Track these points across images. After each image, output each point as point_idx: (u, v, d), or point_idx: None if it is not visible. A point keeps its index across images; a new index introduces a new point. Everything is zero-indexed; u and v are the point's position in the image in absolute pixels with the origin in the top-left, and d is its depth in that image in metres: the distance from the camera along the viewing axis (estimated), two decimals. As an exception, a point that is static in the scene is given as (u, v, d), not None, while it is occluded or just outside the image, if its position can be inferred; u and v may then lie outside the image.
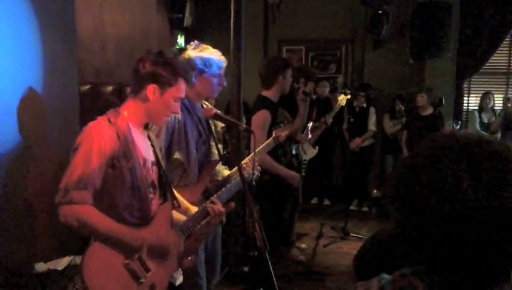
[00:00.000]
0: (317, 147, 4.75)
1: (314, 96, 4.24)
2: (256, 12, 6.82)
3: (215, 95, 2.63)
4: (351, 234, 5.14)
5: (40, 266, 2.72)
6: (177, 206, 2.15)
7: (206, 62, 2.46)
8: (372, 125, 6.17)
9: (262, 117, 3.53)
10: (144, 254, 1.91)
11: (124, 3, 5.00)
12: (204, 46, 2.52)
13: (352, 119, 6.00)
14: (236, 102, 3.94)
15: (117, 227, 1.83)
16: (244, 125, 2.69)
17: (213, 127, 2.62)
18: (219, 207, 2.25)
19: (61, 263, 2.77)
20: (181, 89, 1.99)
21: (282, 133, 2.94)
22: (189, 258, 2.15)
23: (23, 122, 2.75)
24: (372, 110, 6.20)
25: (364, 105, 6.16)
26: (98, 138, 1.81)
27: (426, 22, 5.61)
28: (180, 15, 6.34)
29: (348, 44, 7.02)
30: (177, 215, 2.17)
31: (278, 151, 3.59)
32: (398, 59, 6.63)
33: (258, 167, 2.64)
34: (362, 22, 6.72)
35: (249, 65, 4.32)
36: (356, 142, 6.04)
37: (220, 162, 2.64)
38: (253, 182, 2.60)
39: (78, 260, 2.77)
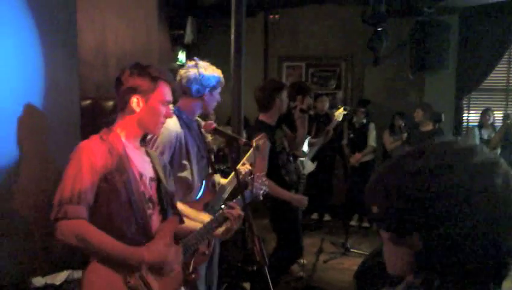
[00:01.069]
0: (315, 162, 4.75)
1: (312, 113, 4.24)
2: (256, 29, 6.90)
3: (212, 111, 2.77)
4: (352, 250, 5.11)
5: (38, 281, 2.69)
6: (182, 222, 2.10)
7: (218, 81, 2.60)
8: (372, 141, 6.18)
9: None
10: (144, 272, 1.85)
11: (126, 20, 5.06)
12: (208, 63, 2.61)
13: (352, 135, 6.02)
14: (237, 117, 3.96)
15: (115, 243, 1.78)
16: (244, 140, 2.72)
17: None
18: (238, 211, 2.21)
19: (59, 278, 2.75)
20: (164, 92, 1.96)
21: (261, 141, 3.01)
22: (193, 276, 2.10)
23: (24, 137, 2.76)
24: (372, 126, 6.22)
25: (364, 121, 6.19)
26: (88, 154, 1.80)
27: (425, 39, 5.66)
28: (181, 32, 6.42)
29: (348, 60, 7.08)
30: (191, 223, 2.14)
31: (281, 172, 3.57)
32: (397, 75, 6.68)
33: (266, 182, 2.67)
34: (362, 39, 6.79)
35: (250, 81, 4.35)
36: (356, 158, 6.04)
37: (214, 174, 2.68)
38: (261, 197, 2.63)
39: (76, 274, 2.76)
